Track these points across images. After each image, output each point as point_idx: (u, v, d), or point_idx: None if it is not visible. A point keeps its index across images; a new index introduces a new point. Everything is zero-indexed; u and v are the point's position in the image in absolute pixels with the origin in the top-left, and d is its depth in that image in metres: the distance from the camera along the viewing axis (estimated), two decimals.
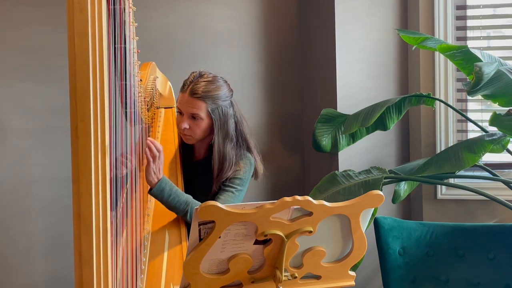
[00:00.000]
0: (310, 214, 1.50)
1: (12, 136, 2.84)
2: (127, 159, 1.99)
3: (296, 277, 1.59)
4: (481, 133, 3.14)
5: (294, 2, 3.49)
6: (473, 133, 3.52)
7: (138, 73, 2.07)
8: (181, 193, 2.17)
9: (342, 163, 3.32)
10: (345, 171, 2.95)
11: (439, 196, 3.55)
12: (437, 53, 3.44)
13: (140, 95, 2.10)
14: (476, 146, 2.73)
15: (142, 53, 2.07)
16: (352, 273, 1.66)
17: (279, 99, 3.49)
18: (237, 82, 2.42)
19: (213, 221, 1.44)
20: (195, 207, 1.44)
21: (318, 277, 1.62)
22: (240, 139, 2.34)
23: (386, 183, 2.90)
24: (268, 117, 3.47)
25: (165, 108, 2.63)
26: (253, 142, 2.38)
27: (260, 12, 3.41)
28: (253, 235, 1.49)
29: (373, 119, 2.94)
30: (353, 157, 3.37)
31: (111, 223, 1.36)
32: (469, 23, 3.55)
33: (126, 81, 1.84)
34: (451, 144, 3.51)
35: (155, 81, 2.43)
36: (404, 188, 3.14)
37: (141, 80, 2.17)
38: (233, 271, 1.53)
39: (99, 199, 1.31)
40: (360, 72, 3.45)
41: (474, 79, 2.59)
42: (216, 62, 3.25)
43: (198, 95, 2.22)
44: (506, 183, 2.94)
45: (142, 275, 1.95)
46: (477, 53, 2.86)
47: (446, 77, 3.53)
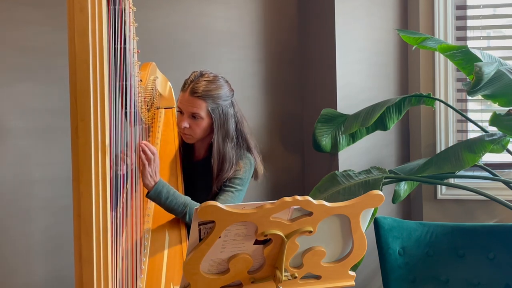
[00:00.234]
0: (310, 214, 1.50)
1: (12, 136, 2.84)
2: (127, 156, 1.99)
3: (296, 277, 1.59)
4: (481, 133, 3.14)
5: (294, 2, 3.49)
6: (473, 133, 3.52)
7: (138, 73, 2.07)
8: (179, 195, 2.17)
9: (342, 163, 3.32)
10: (345, 171, 2.95)
11: (439, 196, 3.55)
12: (437, 53, 3.44)
13: (140, 95, 2.10)
14: (476, 146, 2.73)
15: (142, 53, 2.07)
16: (352, 273, 1.66)
17: (279, 99, 3.49)
18: (237, 82, 2.41)
19: (213, 221, 1.44)
20: (195, 207, 1.44)
21: (318, 277, 1.62)
22: (240, 139, 2.33)
23: (386, 183, 2.90)
24: (268, 117, 3.47)
25: (165, 109, 2.63)
26: (253, 143, 2.37)
27: (260, 12, 3.41)
28: (253, 235, 1.49)
29: (373, 119, 2.94)
30: (353, 157, 3.37)
31: (111, 223, 1.36)
32: (469, 23, 3.55)
33: (126, 81, 1.84)
34: (451, 144, 3.51)
35: (155, 82, 2.43)
36: (404, 188, 3.14)
37: (141, 81, 2.17)
38: (233, 271, 1.53)
39: (99, 199, 1.31)
40: (360, 72, 3.45)
41: (474, 79, 2.59)
42: (216, 62, 3.24)
43: (199, 94, 2.22)
44: (506, 183, 2.94)
45: (142, 275, 1.95)
46: (477, 53, 2.86)
47: (446, 77, 3.53)
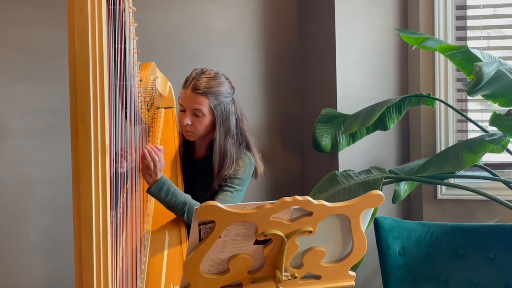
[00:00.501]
0: (310, 214, 1.50)
1: (12, 136, 2.84)
2: (127, 153, 1.99)
3: (296, 277, 1.59)
4: (481, 133, 3.14)
5: (294, 2, 3.49)
6: (473, 133, 3.52)
7: (138, 73, 2.07)
8: (180, 193, 2.17)
9: (342, 163, 3.32)
10: (345, 171, 2.95)
11: (439, 196, 3.55)
12: (437, 53, 3.44)
13: (140, 95, 2.10)
14: (476, 146, 2.73)
15: (142, 53, 2.07)
16: (352, 273, 1.66)
17: (279, 99, 3.49)
18: (237, 82, 2.41)
19: (213, 221, 1.44)
20: (195, 207, 1.44)
21: (318, 277, 1.62)
22: (240, 136, 2.34)
23: (386, 183, 2.90)
24: (268, 117, 3.47)
25: (165, 108, 2.63)
26: (253, 140, 2.38)
27: (260, 12, 3.41)
28: (253, 235, 1.49)
29: (373, 119, 2.94)
30: (353, 157, 3.37)
31: (111, 223, 1.36)
32: (469, 23, 3.55)
33: (126, 81, 1.84)
34: (451, 144, 3.51)
35: (155, 81, 2.43)
36: (404, 188, 3.14)
37: (141, 80, 2.17)
38: (233, 271, 1.53)
39: (99, 199, 1.31)
40: (360, 72, 3.45)
41: (474, 79, 2.59)
42: (216, 62, 3.24)
43: (201, 90, 2.23)
44: (506, 183, 2.94)
45: (142, 275, 1.94)
46: (477, 53, 2.86)
47: (446, 77, 3.53)
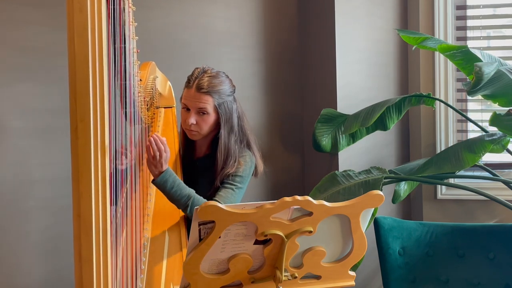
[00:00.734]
0: (310, 214, 1.50)
1: (12, 136, 2.84)
2: (126, 150, 1.99)
3: (296, 277, 1.59)
4: (481, 133, 3.14)
5: (294, 2, 3.49)
6: (473, 133, 3.52)
7: (138, 72, 2.07)
8: (184, 186, 2.18)
9: (342, 163, 3.32)
10: (345, 171, 2.95)
11: (439, 196, 3.55)
12: (437, 53, 3.44)
13: (139, 94, 2.10)
14: (476, 146, 2.73)
15: (142, 53, 2.07)
16: (352, 273, 1.66)
17: (279, 99, 3.49)
18: (237, 82, 2.41)
19: (213, 221, 1.44)
20: (195, 207, 1.44)
21: (318, 277, 1.62)
22: (242, 134, 2.36)
23: (386, 183, 2.90)
24: (268, 117, 3.46)
25: (164, 108, 2.62)
26: (253, 138, 2.40)
27: (260, 12, 3.41)
28: (253, 235, 1.49)
29: (373, 119, 2.94)
30: (353, 157, 3.37)
31: (111, 222, 1.36)
32: (469, 23, 3.55)
33: (125, 81, 1.84)
34: (451, 144, 3.51)
35: (155, 81, 2.43)
36: (404, 188, 3.14)
37: (140, 80, 2.17)
38: (233, 271, 1.53)
39: (99, 199, 1.31)
40: (360, 72, 3.45)
41: (474, 79, 2.59)
42: (216, 62, 3.24)
43: (205, 89, 2.24)
44: (506, 183, 2.94)
45: (142, 275, 1.94)
46: (477, 53, 2.86)
47: (446, 77, 3.53)
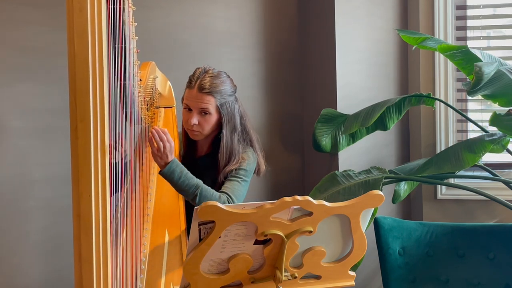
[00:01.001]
0: (310, 214, 1.50)
1: (12, 136, 2.84)
2: (116, 143, 1.98)
3: (296, 277, 1.59)
4: (481, 133, 3.14)
5: (294, 2, 3.49)
6: (473, 133, 3.52)
7: (138, 72, 2.07)
8: (192, 176, 2.18)
9: (342, 163, 3.32)
10: (345, 171, 2.95)
11: (439, 196, 3.55)
12: (437, 53, 3.44)
13: (139, 94, 2.10)
14: (476, 146, 2.73)
15: (142, 53, 2.07)
16: (352, 273, 1.66)
17: (279, 99, 3.49)
18: (237, 82, 2.41)
19: (213, 221, 1.44)
20: (195, 207, 1.44)
21: (318, 277, 1.62)
22: (245, 133, 2.36)
23: (386, 183, 2.90)
24: (268, 117, 3.46)
25: (164, 108, 2.62)
26: (255, 137, 2.41)
27: (260, 12, 3.41)
28: (253, 235, 1.49)
29: (373, 119, 2.94)
30: (353, 157, 3.37)
31: (111, 222, 1.36)
32: (469, 23, 3.55)
33: (125, 80, 1.84)
34: (451, 144, 3.51)
35: (155, 81, 2.43)
36: (404, 188, 3.14)
37: (140, 80, 2.17)
38: (233, 271, 1.53)
39: (99, 199, 1.31)
40: (360, 72, 3.45)
41: (474, 79, 2.59)
42: (216, 62, 3.24)
43: (207, 90, 2.25)
44: (506, 183, 2.94)
45: (142, 275, 1.94)
46: (477, 53, 2.86)
47: (446, 77, 3.53)
